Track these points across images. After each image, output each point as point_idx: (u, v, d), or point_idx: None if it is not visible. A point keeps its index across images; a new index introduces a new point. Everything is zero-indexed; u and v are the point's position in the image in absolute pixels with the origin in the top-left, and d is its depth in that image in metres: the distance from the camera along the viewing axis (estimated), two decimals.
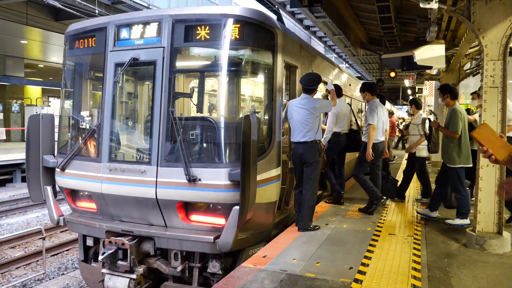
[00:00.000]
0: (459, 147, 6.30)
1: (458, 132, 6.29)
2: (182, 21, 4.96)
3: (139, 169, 5.00)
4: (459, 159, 6.30)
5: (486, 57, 5.21)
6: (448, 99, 6.60)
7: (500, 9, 5.11)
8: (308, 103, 5.83)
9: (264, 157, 5.16)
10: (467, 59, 12.00)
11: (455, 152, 6.32)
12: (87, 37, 5.55)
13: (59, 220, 5.67)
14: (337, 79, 9.39)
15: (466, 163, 6.33)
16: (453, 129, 6.31)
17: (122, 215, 5.29)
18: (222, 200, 4.77)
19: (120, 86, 5.37)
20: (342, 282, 4.15)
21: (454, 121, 6.32)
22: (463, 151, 6.30)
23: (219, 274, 5.00)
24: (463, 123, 6.33)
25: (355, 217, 6.83)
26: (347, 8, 11.07)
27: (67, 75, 6.12)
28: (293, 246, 5.24)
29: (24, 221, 11.05)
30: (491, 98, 5.18)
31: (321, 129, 6.03)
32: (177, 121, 4.90)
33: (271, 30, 5.30)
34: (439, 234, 5.95)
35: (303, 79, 5.97)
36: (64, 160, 5.50)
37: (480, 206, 5.29)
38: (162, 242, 4.99)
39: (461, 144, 6.30)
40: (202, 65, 6.01)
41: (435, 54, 8.44)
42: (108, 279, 5.00)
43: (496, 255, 5.09)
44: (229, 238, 4.62)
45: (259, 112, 5.88)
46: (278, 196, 5.52)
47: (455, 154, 6.31)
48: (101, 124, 5.28)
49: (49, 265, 8.01)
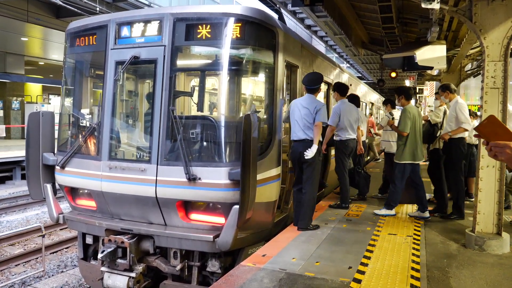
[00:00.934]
0: (405, 144, 6.73)
1: (405, 130, 6.70)
2: (183, 20, 4.96)
3: (139, 168, 5.00)
4: (404, 155, 6.75)
5: (487, 58, 5.20)
6: (403, 99, 7.04)
7: (501, 10, 5.11)
8: (311, 103, 5.82)
9: (264, 156, 5.16)
10: (468, 60, 11.99)
11: (401, 149, 6.79)
12: (88, 35, 5.54)
13: (58, 218, 5.68)
14: (338, 78, 9.39)
15: (411, 160, 6.75)
16: (401, 128, 6.74)
17: (122, 214, 5.29)
18: (222, 199, 4.77)
19: (120, 84, 5.37)
20: (341, 281, 4.15)
21: (402, 120, 6.75)
22: (409, 148, 6.72)
23: (218, 273, 5.00)
24: (411, 123, 6.71)
25: (354, 217, 6.84)
26: (348, 8, 11.06)
27: (68, 73, 6.12)
28: (293, 245, 5.24)
29: (23, 218, 11.05)
30: (492, 99, 5.18)
31: None
32: (178, 119, 4.90)
33: (272, 29, 5.30)
34: (438, 235, 5.95)
35: (305, 79, 5.98)
36: (64, 158, 5.49)
37: (479, 207, 5.29)
38: (161, 241, 4.99)
39: (407, 142, 6.72)
40: (203, 64, 6.01)
41: (436, 54, 8.44)
42: (107, 277, 5.00)
43: (495, 255, 5.09)
44: (229, 237, 4.62)
45: (259, 111, 5.87)
46: (278, 195, 5.52)
47: (401, 151, 6.79)
48: (101, 122, 5.28)
49: (49, 262, 8.01)
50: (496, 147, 1.96)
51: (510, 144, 1.92)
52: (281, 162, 5.56)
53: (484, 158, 5.20)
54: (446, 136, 6.75)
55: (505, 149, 1.92)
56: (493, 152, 1.98)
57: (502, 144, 1.94)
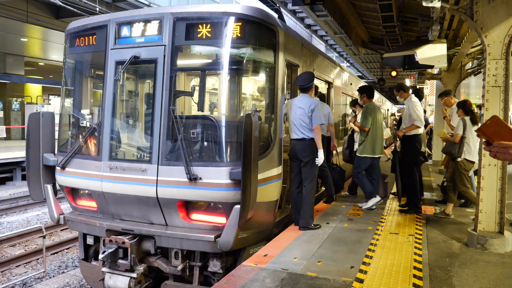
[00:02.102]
0: (365, 139, 7.19)
1: (366, 126, 7.15)
2: (183, 19, 4.94)
3: (139, 168, 4.98)
4: (365, 149, 7.19)
5: (489, 56, 5.19)
6: (365, 98, 7.45)
7: (503, 8, 5.09)
8: (306, 103, 5.82)
9: (265, 156, 5.15)
10: (468, 58, 11.96)
11: (363, 143, 7.23)
12: (87, 35, 5.52)
13: (59, 219, 5.66)
14: (338, 78, 9.37)
15: (370, 154, 7.19)
16: (362, 124, 7.21)
17: (123, 214, 5.28)
18: (223, 199, 4.75)
19: (120, 84, 5.35)
20: (343, 281, 4.13)
21: (364, 117, 7.21)
22: (368, 143, 7.17)
23: (219, 273, 4.99)
24: (372, 119, 7.16)
25: (356, 216, 6.82)
26: (349, 7, 11.03)
27: (68, 73, 6.10)
28: (294, 245, 5.23)
29: (24, 219, 11.04)
30: (493, 98, 5.17)
31: None
32: (178, 119, 4.88)
33: (272, 29, 5.28)
34: (441, 233, 5.94)
35: (297, 80, 6.00)
36: (65, 158, 5.48)
37: (481, 206, 5.27)
38: (162, 241, 4.98)
39: (368, 137, 7.18)
40: (203, 64, 5.99)
41: (436, 53, 8.42)
42: (108, 278, 4.99)
43: (498, 254, 5.08)
44: (230, 237, 4.61)
45: (260, 111, 5.86)
46: (279, 195, 5.51)
47: (362, 146, 7.23)
48: (102, 122, 5.27)
49: (49, 263, 8.00)
50: (500, 148, 1.93)
51: None
52: (282, 162, 5.55)
53: (486, 157, 5.19)
54: (400, 133, 7.16)
55: (509, 150, 1.90)
56: (495, 152, 1.96)
57: (505, 145, 1.92)
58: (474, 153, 6.58)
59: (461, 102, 6.97)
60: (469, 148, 6.62)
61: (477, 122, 6.71)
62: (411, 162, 7.11)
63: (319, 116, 5.88)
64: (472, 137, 6.56)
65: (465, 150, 6.61)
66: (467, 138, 6.60)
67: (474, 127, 6.61)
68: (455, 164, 6.75)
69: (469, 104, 6.89)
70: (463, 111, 6.80)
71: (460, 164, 6.65)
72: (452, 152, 6.69)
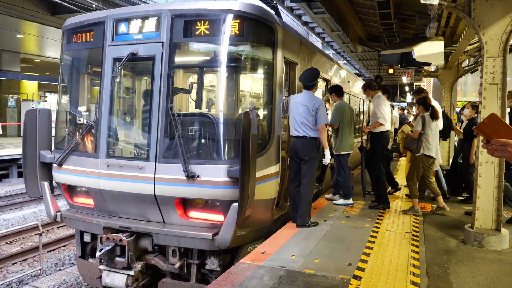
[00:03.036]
0: (337, 137, 7.36)
1: (336, 124, 7.30)
2: (181, 16, 4.92)
3: (137, 165, 4.96)
4: (339, 147, 7.34)
5: (486, 53, 5.20)
6: (335, 97, 7.55)
7: (500, 5, 5.10)
8: (310, 100, 5.81)
9: (263, 153, 5.14)
10: (465, 56, 12.00)
11: (336, 141, 7.38)
12: (85, 32, 5.49)
13: (56, 216, 5.64)
14: (336, 75, 9.37)
15: (345, 151, 7.32)
16: (332, 121, 7.34)
17: (120, 211, 5.26)
18: (221, 197, 4.74)
19: (118, 81, 5.33)
20: (341, 278, 4.14)
21: (334, 115, 7.35)
22: (340, 140, 7.32)
23: (217, 271, 4.99)
24: (341, 117, 7.29)
25: (353, 213, 6.83)
26: (346, 4, 11.03)
27: (65, 70, 6.06)
28: (292, 242, 5.23)
29: (20, 216, 10.99)
30: (491, 95, 5.18)
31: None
32: (176, 117, 4.86)
33: (271, 26, 5.27)
34: (438, 231, 5.96)
35: (301, 76, 5.98)
36: (62, 155, 5.45)
37: (478, 203, 5.29)
38: (160, 239, 4.97)
39: (338, 135, 7.34)
40: (201, 61, 5.97)
41: (434, 50, 8.43)
42: (105, 275, 4.97)
43: (495, 251, 5.10)
44: (228, 235, 4.60)
45: (258, 108, 5.85)
46: (277, 193, 5.51)
47: (337, 144, 7.37)
48: (99, 119, 5.24)
49: (46, 261, 7.98)
50: (498, 145, 1.93)
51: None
52: (280, 159, 5.55)
53: (483, 155, 5.20)
54: (366, 129, 7.56)
55: (507, 148, 1.89)
56: (493, 150, 1.96)
57: (503, 142, 1.91)
58: (432, 149, 6.73)
59: (421, 99, 7.09)
60: (428, 143, 6.72)
61: (437, 117, 6.85)
62: (377, 159, 7.37)
63: (324, 115, 5.90)
64: (431, 133, 6.72)
65: (424, 145, 6.71)
66: (426, 134, 6.71)
67: (434, 123, 6.79)
68: (414, 159, 6.93)
69: (429, 100, 7.06)
70: (424, 107, 6.93)
71: (418, 159, 6.76)
72: (411, 148, 6.86)
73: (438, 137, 6.90)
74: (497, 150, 1.94)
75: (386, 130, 7.48)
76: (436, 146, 6.82)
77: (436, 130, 6.86)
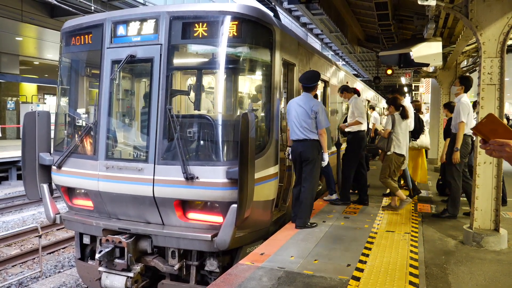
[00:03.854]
0: None
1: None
2: (179, 18, 4.93)
3: (136, 167, 4.97)
4: None
5: (484, 54, 5.21)
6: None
7: (497, 6, 5.11)
8: (307, 102, 5.81)
9: (262, 155, 5.15)
10: (464, 56, 12.02)
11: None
12: (83, 34, 5.50)
13: (55, 218, 5.65)
14: (334, 76, 9.38)
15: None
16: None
17: (119, 213, 5.27)
18: (220, 198, 4.75)
19: (117, 83, 5.34)
20: (340, 279, 4.15)
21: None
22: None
23: (216, 272, 4.99)
24: None
25: (352, 214, 6.84)
26: (344, 5, 11.04)
27: (63, 72, 6.08)
28: (291, 244, 5.24)
29: (20, 219, 10.99)
30: (489, 96, 5.19)
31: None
32: (175, 118, 4.87)
33: (269, 27, 5.28)
34: (436, 231, 5.97)
35: (302, 77, 5.97)
36: (61, 158, 5.46)
37: (477, 203, 5.30)
38: (159, 240, 4.98)
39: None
40: (199, 62, 5.99)
41: (432, 51, 8.45)
42: (105, 277, 4.98)
43: (493, 252, 5.11)
44: (227, 236, 4.61)
45: (257, 109, 5.86)
46: (276, 194, 5.52)
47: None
48: (98, 121, 5.25)
49: (46, 263, 7.98)
50: (496, 146, 1.93)
51: (510, 143, 1.89)
52: (278, 161, 5.55)
53: (481, 155, 5.21)
54: (344, 127, 7.81)
55: (505, 148, 1.90)
56: (491, 150, 1.97)
57: (501, 142, 1.91)
58: (403, 147, 6.92)
59: (391, 99, 7.27)
60: (398, 142, 6.92)
61: (407, 117, 7.04)
62: (351, 157, 7.58)
63: (325, 119, 5.91)
64: (401, 131, 6.91)
65: (394, 144, 6.90)
66: (396, 132, 6.91)
67: (403, 122, 6.99)
68: (385, 157, 7.11)
69: (399, 100, 7.21)
70: (394, 107, 7.10)
71: (390, 157, 6.93)
72: (382, 146, 7.07)
73: (408, 136, 7.14)
74: (495, 150, 1.94)
75: (363, 130, 7.70)
76: (407, 144, 7.06)
77: (406, 129, 7.09)
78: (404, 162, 7.19)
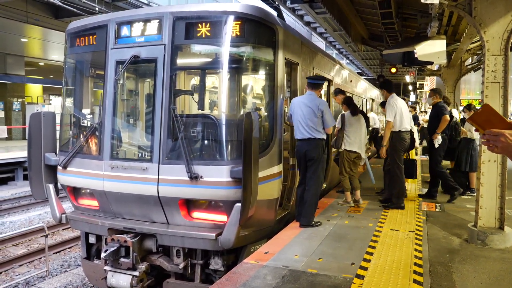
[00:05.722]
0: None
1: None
2: (183, 18, 4.96)
3: (140, 167, 5.00)
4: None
5: (488, 52, 5.19)
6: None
7: (501, 4, 5.10)
8: (313, 101, 5.82)
9: (265, 154, 5.17)
10: (468, 54, 11.98)
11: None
12: (87, 35, 5.54)
13: (61, 218, 5.69)
14: (338, 75, 9.38)
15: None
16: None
17: (124, 213, 5.31)
18: (224, 197, 4.77)
19: (121, 83, 5.37)
20: (344, 277, 4.16)
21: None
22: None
23: (221, 271, 5.02)
24: None
25: (356, 213, 6.84)
26: (347, 4, 11.04)
27: (68, 73, 6.12)
28: (295, 242, 5.25)
29: (26, 219, 11.07)
30: (493, 94, 5.17)
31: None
32: (179, 118, 4.90)
33: (272, 27, 5.29)
34: (441, 230, 5.96)
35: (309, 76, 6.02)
36: (66, 158, 5.50)
37: (481, 201, 5.29)
38: (164, 239, 5.01)
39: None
40: (203, 62, 6.01)
41: (436, 49, 8.44)
42: (110, 276, 5.02)
43: (498, 250, 5.10)
44: (231, 235, 4.63)
45: (260, 109, 5.87)
46: (279, 193, 5.53)
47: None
48: (103, 121, 5.29)
49: (52, 262, 8.04)
50: (490, 136, 1.93)
51: (505, 132, 1.88)
52: (282, 159, 5.57)
53: (486, 153, 5.20)
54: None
55: (500, 137, 1.89)
56: (488, 141, 1.96)
57: (496, 132, 1.91)
58: (354, 144, 7.19)
59: (346, 98, 7.58)
60: (349, 139, 7.22)
61: (356, 113, 7.28)
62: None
63: (331, 118, 5.97)
64: (351, 129, 7.21)
65: (345, 141, 7.23)
66: (346, 130, 7.25)
67: (354, 118, 7.26)
68: (337, 154, 7.50)
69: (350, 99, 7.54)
70: (347, 106, 7.40)
71: (342, 154, 7.32)
72: (333, 145, 7.42)
73: (361, 132, 7.29)
74: (490, 140, 1.94)
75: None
76: (359, 141, 7.25)
77: (358, 126, 7.27)
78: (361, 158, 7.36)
